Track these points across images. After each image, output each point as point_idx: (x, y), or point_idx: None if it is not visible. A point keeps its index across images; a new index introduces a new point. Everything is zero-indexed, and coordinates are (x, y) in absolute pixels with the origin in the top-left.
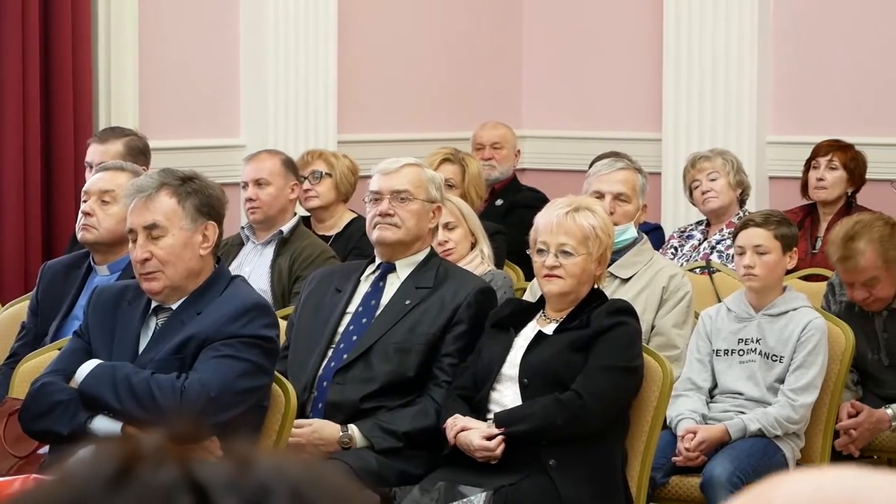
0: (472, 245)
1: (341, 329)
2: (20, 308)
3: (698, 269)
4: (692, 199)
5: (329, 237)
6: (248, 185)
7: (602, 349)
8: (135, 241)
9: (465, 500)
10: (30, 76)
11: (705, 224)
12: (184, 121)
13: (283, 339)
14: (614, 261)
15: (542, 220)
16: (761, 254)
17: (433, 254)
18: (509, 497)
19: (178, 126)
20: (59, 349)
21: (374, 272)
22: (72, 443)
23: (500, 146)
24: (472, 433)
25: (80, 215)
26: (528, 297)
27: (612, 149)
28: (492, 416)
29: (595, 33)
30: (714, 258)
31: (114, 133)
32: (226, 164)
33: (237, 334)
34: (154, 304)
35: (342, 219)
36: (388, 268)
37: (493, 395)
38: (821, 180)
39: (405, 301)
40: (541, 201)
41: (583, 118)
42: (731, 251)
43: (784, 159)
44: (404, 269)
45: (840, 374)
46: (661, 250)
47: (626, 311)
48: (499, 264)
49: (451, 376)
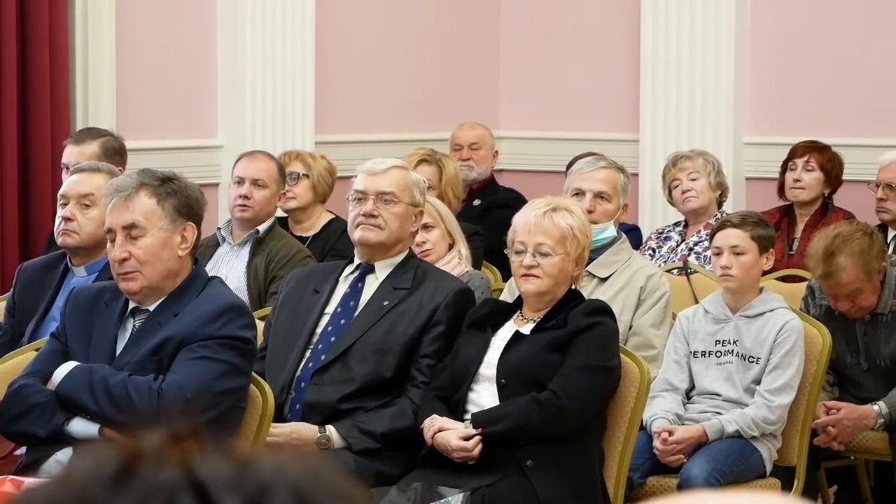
0: (450, 246)
1: (319, 330)
2: None
3: (676, 270)
4: (671, 199)
5: (306, 238)
6: (242, 182)
7: (579, 349)
8: (113, 240)
9: (442, 500)
10: (6, 77)
11: (683, 225)
12: (161, 121)
13: (260, 339)
14: (593, 259)
15: (520, 219)
16: (738, 254)
17: (412, 255)
18: (487, 497)
19: (155, 127)
20: (37, 350)
21: (352, 273)
22: (49, 445)
23: (478, 147)
24: (450, 434)
25: (59, 220)
26: (505, 297)
27: (589, 150)
28: (469, 416)
29: (572, 34)
30: (692, 259)
31: (90, 134)
32: (203, 164)
33: (214, 335)
34: (131, 305)
35: (320, 220)
36: (367, 268)
37: (471, 395)
38: (798, 181)
39: (383, 302)
40: (518, 202)
41: (560, 119)
42: (708, 252)
43: (761, 160)
44: (383, 269)
45: (817, 375)
46: (638, 251)
47: (603, 311)
48: (476, 265)
49: (428, 377)
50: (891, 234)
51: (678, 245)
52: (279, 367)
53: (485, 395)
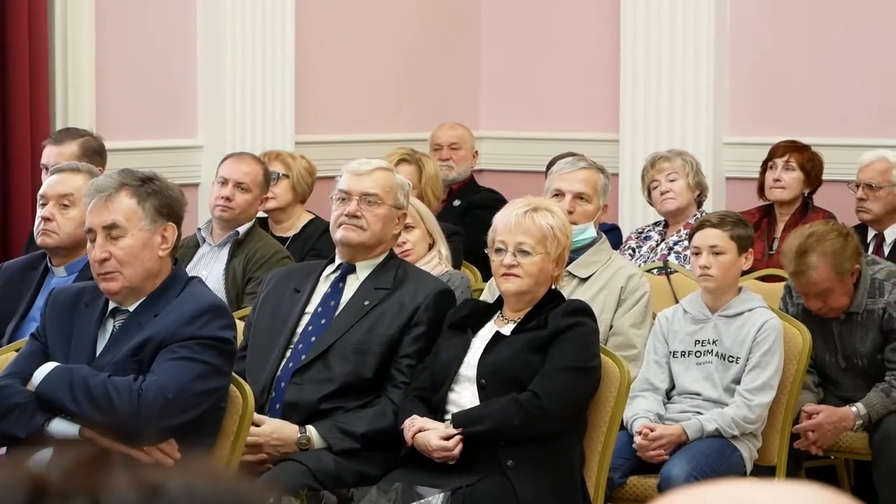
0: (430, 246)
1: (300, 329)
2: None
3: (656, 270)
4: (650, 200)
5: (286, 238)
6: (226, 183)
7: (559, 349)
8: (93, 240)
9: (422, 500)
10: None
11: (663, 225)
12: (141, 121)
13: (240, 339)
14: (573, 260)
15: (500, 219)
16: (717, 254)
17: (392, 255)
18: (467, 498)
19: (135, 127)
20: (16, 351)
21: (333, 272)
22: (29, 445)
23: (458, 147)
24: (430, 434)
25: (38, 220)
26: (485, 297)
27: (569, 150)
28: (449, 416)
29: (552, 34)
30: (671, 259)
31: (68, 134)
32: (183, 164)
33: (194, 336)
34: (111, 306)
35: (299, 220)
36: (348, 268)
37: (451, 395)
38: (777, 181)
39: (364, 302)
40: (498, 202)
41: (540, 119)
42: (688, 252)
43: (741, 160)
44: (364, 269)
45: (797, 375)
46: (618, 251)
47: (583, 311)
48: (456, 265)
49: (409, 377)
50: (871, 234)
51: (658, 245)
52: (259, 367)
53: (465, 396)
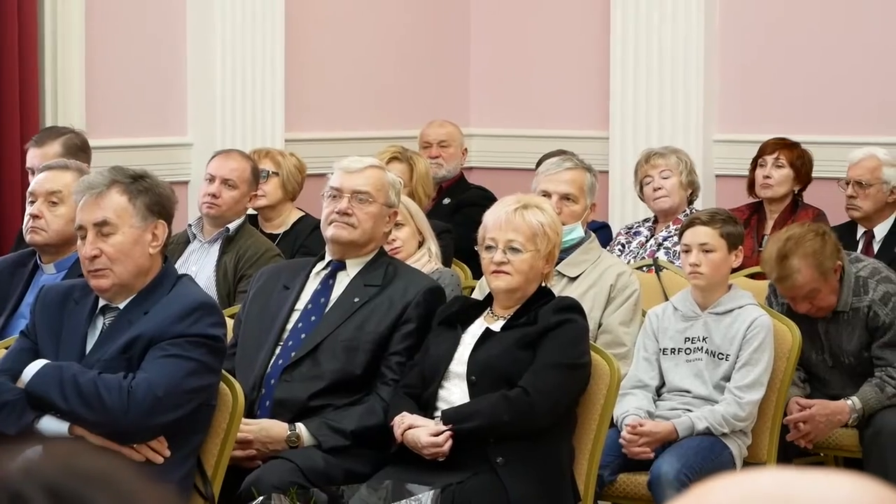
0: (420, 243)
1: (289, 326)
2: None
3: (645, 268)
4: (642, 195)
5: (276, 235)
6: (213, 180)
7: (549, 346)
8: (84, 237)
9: (412, 498)
10: None
11: (652, 221)
12: (131, 119)
13: (230, 336)
14: (562, 259)
15: (491, 216)
16: (707, 252)
17: (382, 252)
18: (457, 495)
19: (125, 124)
20: (6, 348)
21: (323, 269)
22: (19, 443)
23: (448, 144)
24: (420, 431)
25: (27, 217)
26: (476, 295)
27: (559, 147)
28: (439, 413)
29: (542, 32)
30: (661, 255)
31: (50, 134)
32: (173, 162)
33: (184, 333)
34: (101, 303)
35: (289, 217)
36: (338, 266)
37: (441, 392)
38: (767, 178)
39: (354, 299)
40: (488, 199)
41: (530, 116)
42: (677, 248)
43: (731, 157)
44: (354, 267)
45: (787, 372)
46: (607, 247)
47: (573, 308)
48: (446, 263)
49: (398, 375)
50: (860, 232)
51: (647, 241)
52: (249, 365)
53: (455, 393)
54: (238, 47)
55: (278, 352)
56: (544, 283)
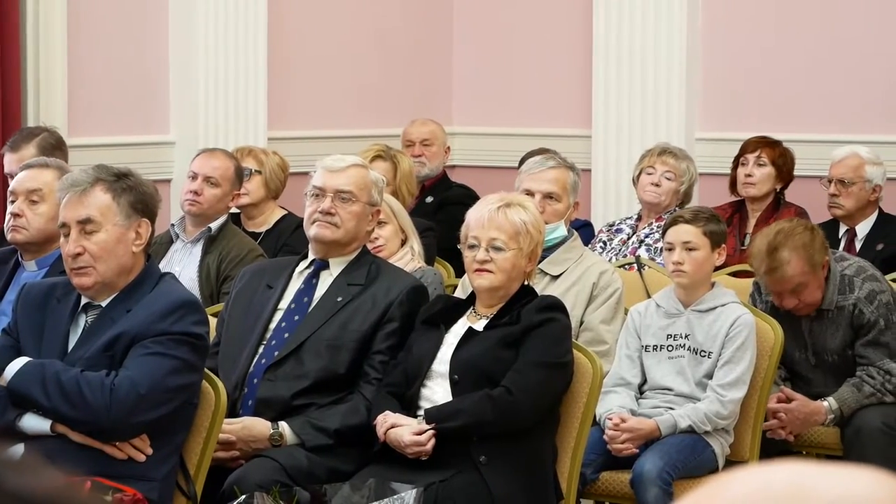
0: (403, 242)
1: (273, 325)
2: None
3: (628, 266)
4: (636, 182)
5: (259, 234)
6: (196, 177)
7: (532, 345)
8: (67, 235)
9: (395, 496)
10: None
11: (635, 218)
12: (113, 117)
13: (212, 335)
14: (544, 258)
15: (473, 215)
16: (690, 250)
17: (366, 251)
18: (440, 493)
19: (107, 123)
20: None
21: (306, 268)
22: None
23: (430, 143)
24: (403, 430)
25: (8, 216)
26: (458, 293)
27: (542, 145)
28: (422, 412)
29: (525, 30)
30: (642, 252)
31: (23, 137)
32: (155, 160)
33: (167, 331)
34: (83, 301)
35: (272, 216)
36: (322, 265)
37: (424, 391)
38: (749, 176)
39: (337, 298)
40: (471, 198)
41: (513, 115)
42: (659, 245)
43: (713, 156)
44: (337, 266)
45: (769, 370)
46: (589, 245)
47: (555, 307)
48: (429, 261)
49: (381, 374)
50: (842, 230)
51: (629, 238)
52: (232, 364)
53: (438, 392)
54: (221, 45)
55: (261, 351)
56: (527, 282)
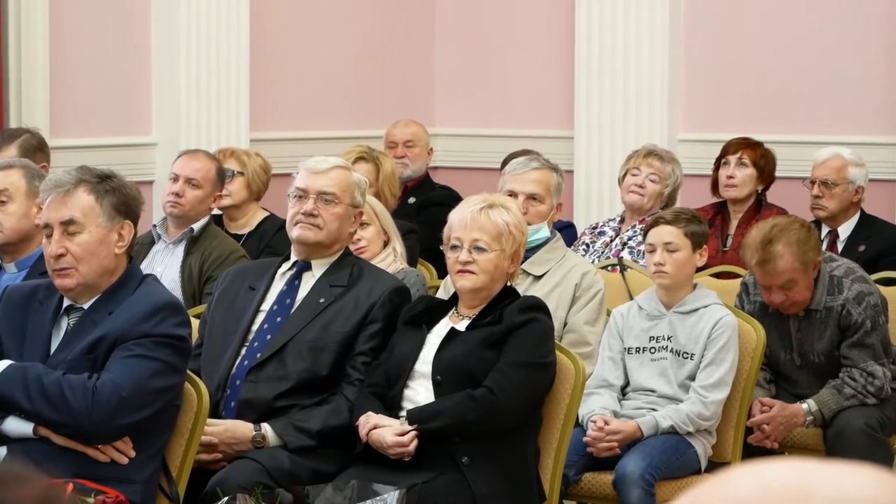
0: (385, 243)
1: (255, 327)
2: None
3: (610, 267)
4: (620, 182)
5: (241, 236)
6: (177, 179)
7: (514, 346)
8: (49, 236)
9: (378, 498)
10: None
11: (618, 221)
12: (95, 119)
13: (195, 336)
14: (527, 258)
15: (456, 216)
16: (671, 251)
17: (348, 252)
18: (422, 494)
19: (89, 124)
20: None
21: (289, 270)
22: None
23: (413, 144)
24: (385, 431)
25: None
26: (440, 294)
27: (524, 147)
28: (405, 413)
29: (507, 32)
30: (625, 254)
31: (5, 139)
32: (137, 162)
33: (149, 333)
34: (66, 303)
35: (254, 217)
36: (304, 266)
37: (406, 392)
38: (731, 178)
39: (319, 299)
40: (453, 199)
41: (495, 116)
42: (642, 247)
43: (695, 157)
44: (319, 267)
45: (751, 371)
46: (572, 247)
47: (538, 307)
48: (412, 262)
49: (364, 375)
50: (824, 231)
51: (612, 240)
52: (214, 365)
53: (420, 392)
54: (203, 46)
55: (244, 352)
56: (509, 283)
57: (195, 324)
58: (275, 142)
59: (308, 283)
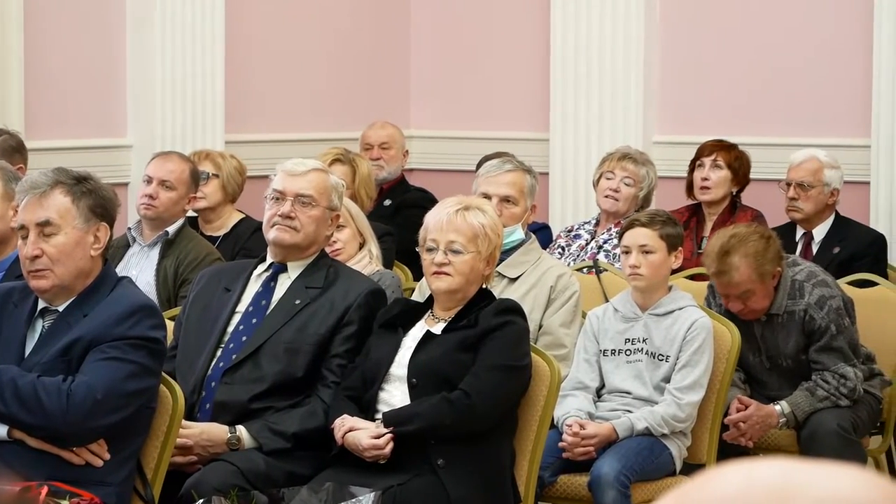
0: (361, 245)
1: (230, 328)
2: None
3: (586, 269)
4: (595, 185)
5: (216, 238)
6: (151, 181)
7: (490, 348)
8: (25, 237)
9: (353, 500)
10: None
11: (593, 224)
12: (70, 121)
13: (170, 338)
14: (502, 260)
15: (432, 217)
16: (647, 253)
17: (324, 254)
18: (398, 497)
19: (64, 126)
20: None
21: (264, 271)
22: None
23: (389, 146)
24: (361, 433)
25: None
26: (416, 297)
27: (499, 149)
28: (380, 416)
29: (483, 34)
30: (601, 258)
31: None
32: (113, 164)
33: (124, 336)
34: (41, 305)
35: (230, 219)
36: (280, 268)
37: (382, 395)
38: (706, 180)
39: (295, 301)
40: (429, 201)
41: (471, 118)
42: (617, 251)
43: (670, 159)
44: (295, 269)
45: (726, 373)
46: (548, 249)
47: (513, 310)
48: (388, 265)
49: (339, 377)
50: (799, 233)
51: (588, 243)
52: (189, 367)
53: (396, 395)
54: (178, 48)
55: (219, 354)
56: (485, 285)
57: (170, 326)
58: (250, 144)
59: (284, 284)
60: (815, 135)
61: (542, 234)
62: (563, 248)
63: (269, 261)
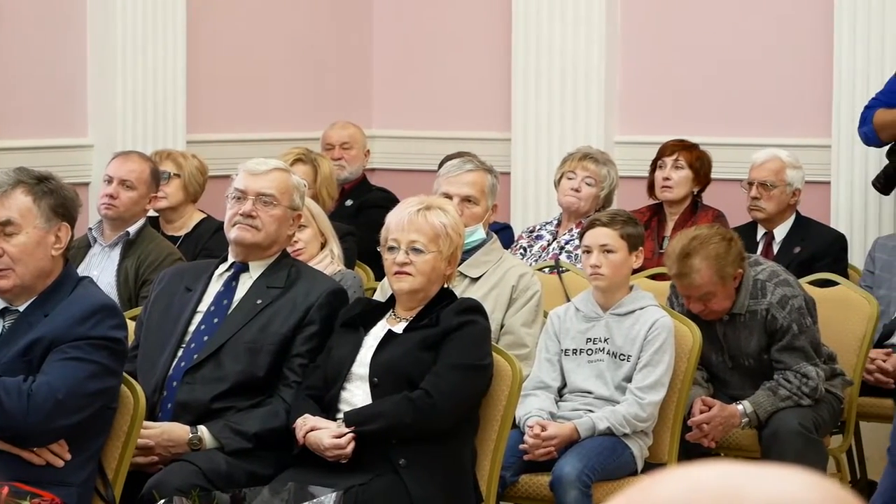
0: (322, 245)
1: (192, 328)
2: None
3: (547, 269)
4: (556, 185)
5: (178, 238)
6: (111, 181)
7: (451, 348)
8: None
9: (315, 500)
10: None
11: (555, 224)
12: (31, 121)
13: (131, 339)
14: (464, 260)
15: (393, 217)
16: (607, 253)
17: (285, 254)
18: (359, 497)
19: (24, 125)
20: None
21: (226, 271)
22: None
23: (350, 146)
24: (322, 433)
25: None
26: (377, 296)
27: (461, 149)
28: (342, 415)
29: (445, 33)
30: (563, 258)
31: None
32: (73, 164)
33: (85, 336)
34: (1, 306)
35: (191, 219)
36: (241, 267)
37: (344, 394)
38: (667, 180)
39: (257, 300)
40: (391, 201)
41: (433, 118)
42: (579, 251)
43: (632, 159)
44: (257, 268)
45: (687, 373)
46: (510, 250)
47: (475, 309)
48: (349, 265)
49: (301, 377)
50: (760, 233)
51: (549, 244)
52: (151, 367)
53: (357, 395)
54: (139, 48)
55: (180, 354)
56: (446, 285)
57: (131, 326)
58: (211, 143)
59: (245, 284)
60: (776, 135)
61: (504, 234)
62: (524, 249)
63: (231, 260)
